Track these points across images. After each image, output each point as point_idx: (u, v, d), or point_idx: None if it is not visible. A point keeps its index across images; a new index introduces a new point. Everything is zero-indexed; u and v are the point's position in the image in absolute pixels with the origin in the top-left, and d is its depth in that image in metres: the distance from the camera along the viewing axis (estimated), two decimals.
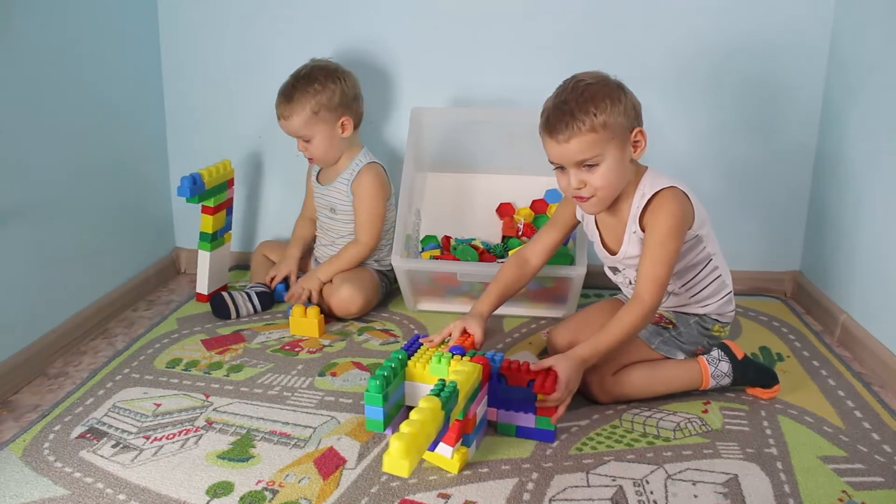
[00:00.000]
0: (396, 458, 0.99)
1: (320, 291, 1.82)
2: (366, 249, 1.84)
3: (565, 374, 1.26)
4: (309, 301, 1.85)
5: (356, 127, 1.86)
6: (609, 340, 1.31)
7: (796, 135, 1.94)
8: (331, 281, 1.84)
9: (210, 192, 1.84)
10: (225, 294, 1.82)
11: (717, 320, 1.47)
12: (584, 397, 1.42)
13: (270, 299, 1.88)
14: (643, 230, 1.37)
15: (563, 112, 1.30)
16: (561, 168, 1.36)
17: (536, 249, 1.54)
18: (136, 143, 1.97)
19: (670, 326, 1.46)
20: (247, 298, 1.84)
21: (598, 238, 1.49)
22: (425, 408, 1.08)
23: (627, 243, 1.41)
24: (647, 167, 1.41)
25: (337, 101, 1.78)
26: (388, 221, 1.90)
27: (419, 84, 2.00)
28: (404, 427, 1.03)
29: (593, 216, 1.48)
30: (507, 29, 1.94)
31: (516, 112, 1.95)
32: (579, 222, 1.53)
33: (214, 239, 1.90)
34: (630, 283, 1.48)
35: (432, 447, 1.18)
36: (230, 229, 1.97)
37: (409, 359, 1.32)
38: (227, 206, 1.93)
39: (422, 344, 1.38)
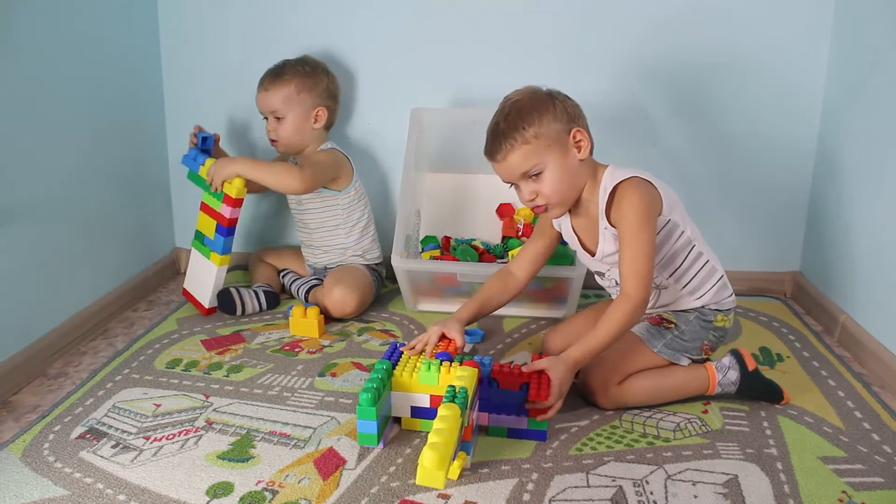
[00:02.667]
0: (431, 470, 0.99)
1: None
2: (297, 178, 1.73)
3: (557, 378, 1.27)
4: (307, 301, 1.86)
5: (327, 128, 1.89)
6: (599, 341, 1.32)
7: (796, 135, 1.93)
8: (321, 281, 1.86)
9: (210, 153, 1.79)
10: (232, 289, 1.82)
11: (717, 310, 1.46)
12: (588, 402, 1.42)
13: (276, 299, 1.88)
14: (613, 226, 1.38)
15: (495, 134, 1.36)
16: (516, 185, 1.40)
17: (520, 263, 1.55)
18: (135, 142, 1.96)
19: (671, 326, 1.45)
20: (254, 296, 1.84)
21: (578, 242, 1.49)
22: (448, 415, 1.07)
23: (603, 241, 1.41)
24: (607, 165, 1.42)
25: (320, 91, 1.83)
26: (358, 207, 1.89)
27: (419, 84, 2.00)
28: (433, 437, 1.02)
29: (569, 223, 1.49)
30: (507, 29, 1.94)
31: None
32: (559, 232, 1.53)
33: (197, 238, 1.88)
34: (616, 284, 1.47)
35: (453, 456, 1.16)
36: (220, 251, 1.80)
37: (393, 368, 1.31)
38: (220, 221, 1.79)
39: (402, 352, 1.37)
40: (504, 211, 2.01)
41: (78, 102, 1.70)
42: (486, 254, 1.93)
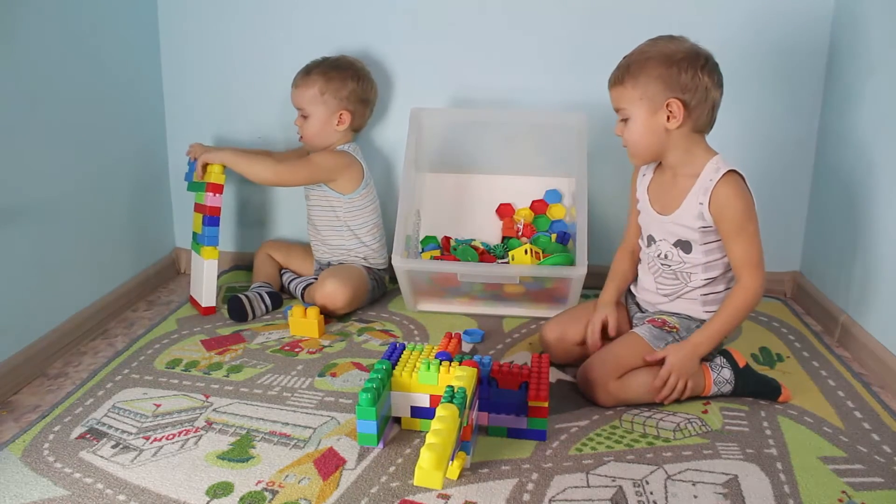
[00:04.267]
0: (429, 471, 0.98)
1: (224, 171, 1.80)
2: (268, 170, 1.79)
3: (674, 360, 1.36)
4: (303, 299, 1.86)
5: (356, 130, 1.91)
6: (720, 326, 1.38)
7: (796, 134, 1.94)
8: (318, 278, 1.86)
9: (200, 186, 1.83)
10: (241, 297, 1.81)
11: None
12: (587, 401, 1.43)
13: (279, 299, 1.89)
14: (710, 208, 1.39)
15: (620, 63, 1.42)
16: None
17: (633, 236, 1.58)
18: (135, 143, 1.97)
19: (675, 331, 1.45)
20: (259, 299, 1.84)
21: (648, 201, 1.50)
22: (446, 416, 1.07)
23: (685, 209, 1.42)
24: (716, 152, 1.44)
25: (345, 94, 1.84)
26: (362, 214, 1.90)
27: (419, 84, 2.00)
28: (431, 438, 1.02)
29: (648, 182, 1.51)
30: (507, 29, 1.94)
31: (516, 112, 1.95)
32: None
33: (193, 239, 1.90)
34: (659, 255, 1.48)
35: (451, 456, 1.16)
36: (206, 243, 1.81)
37: (393, 368, 1.31)
38: (204, 212, 1.81)
39: (402, 352, 1.36)
40: (504, 211, 2.01)
41: (78, 103, 1.70)
42: (486, 254, 1.93)
